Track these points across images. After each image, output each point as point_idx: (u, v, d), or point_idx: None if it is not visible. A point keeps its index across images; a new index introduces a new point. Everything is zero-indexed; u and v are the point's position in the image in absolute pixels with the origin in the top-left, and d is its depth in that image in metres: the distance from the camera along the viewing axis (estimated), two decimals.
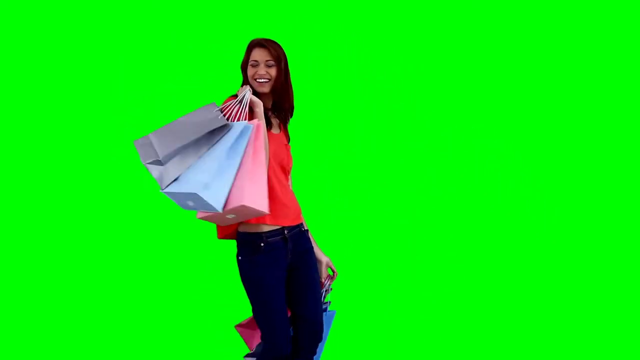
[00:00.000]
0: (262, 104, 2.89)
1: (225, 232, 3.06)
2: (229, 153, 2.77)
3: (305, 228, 3.14)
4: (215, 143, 2.79)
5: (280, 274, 2.95)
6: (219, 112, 2.82)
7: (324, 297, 3.20)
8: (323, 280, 3.19)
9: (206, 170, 2.75)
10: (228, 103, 2.85)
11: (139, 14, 4.80)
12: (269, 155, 2.91)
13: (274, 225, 2.95)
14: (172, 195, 2.77)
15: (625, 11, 4.78)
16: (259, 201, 2.75)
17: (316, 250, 3.20)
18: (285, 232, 2.98)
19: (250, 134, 2.80)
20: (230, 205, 2.73)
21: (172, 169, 2.79)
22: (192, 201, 2.75)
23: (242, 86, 2.95)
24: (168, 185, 2.77)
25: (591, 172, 4.82)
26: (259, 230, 2.93)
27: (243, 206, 2.72)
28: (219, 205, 2.71)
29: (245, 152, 2.80)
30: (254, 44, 2.99)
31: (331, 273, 3.22)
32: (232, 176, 2.76)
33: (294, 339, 3.14)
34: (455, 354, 4.14)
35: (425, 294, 4.71)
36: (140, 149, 2.82)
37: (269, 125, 3.01)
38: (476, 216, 4.87)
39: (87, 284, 4.72)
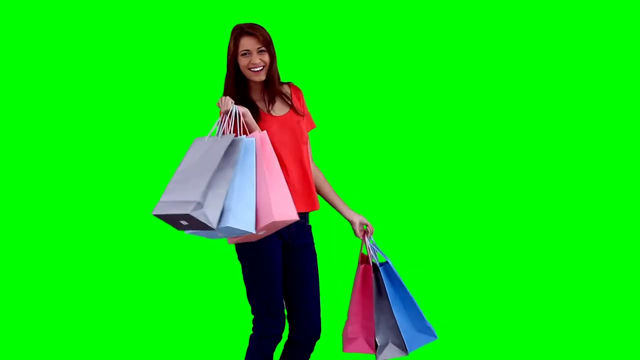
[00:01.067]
0: (248, 110, 2.82)
1: None
2: (241, 172, 2.70)
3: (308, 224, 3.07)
4: (235, 164, 2.69)
5: (278, 248, 2.95)
6: (217, 135, 2.75)
7: (375, 257, 3.11)
8: (360, 236, 3.11)
9: (228, 196, 2.66)
10: (219, 124, 2.78)
11: (132, 14, 4.78)
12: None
13: None
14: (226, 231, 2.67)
15: (625, 11, 4.76)
16: (287, 212, 2.71)
17: (346, 211, 3.11)
18: None
19: (255, 147, 2.74)
20: (261, 224, 2.68)
21: (212, 204, 2.64)
22: (221, 232, 2.66)
23: (221, 99, 2.81)
24: (220, 221, 2.64)
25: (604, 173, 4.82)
26: None
27: (274, 222, 2.67)
28: (250, 227, 2.66)
29: (257, 166, 2.73)
30: (240, 32, 2.91)
31: (365, 228, 3.11)
32: (253, 194, 2.69)
33: (289, 336, 3.11)
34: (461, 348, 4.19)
35: (432, 290, 4.67)
36: (168, 211, 2.64)
37: (263, 108, 2.96)
38: (479, 212, 4.84)
39: (88, 285, 4.72)
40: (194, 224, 2.64)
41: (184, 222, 2.65)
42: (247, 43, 2.89)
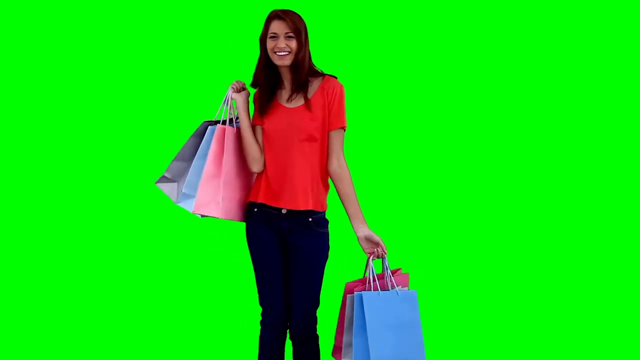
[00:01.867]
0: (242, 98, 2.96)
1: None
2: (199, 158, 2.97)
3: (312, 218, 2.98)
4: (199, 150, 2.99)
5: (269, 238, 2.98)
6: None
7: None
8: (367, 253, 2.98)
9: (187, 177, 2.99)
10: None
11: (140, 13, 4.75)
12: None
13: (271, 204, 2.98)
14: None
15: (625, 11, 4.75)
16: (206, 208, 2.93)
17: (354, 222, 2.98)
18: (283, 210, 2.96)
19: (212, 138, 2.94)
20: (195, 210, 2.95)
21: (181, 183, 3.03)
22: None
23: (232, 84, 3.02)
24: (179, 200, 3.03)
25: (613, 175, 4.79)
26: (255, 201, 3.02)
27: (195, 213, 2.93)
28: (191, 208, 2.97)
29: (210, 156, 2.92)
30: (273, 16, 2.92)
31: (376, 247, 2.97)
32: (199, 180, 2.95)
33: None
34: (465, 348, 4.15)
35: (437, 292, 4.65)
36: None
37: (281, 98, 2.98)
38: (483, 211, 4.82)
39: (87, 285, 4.67)
40: None
41: None
42: (276, 27, 2.89)
